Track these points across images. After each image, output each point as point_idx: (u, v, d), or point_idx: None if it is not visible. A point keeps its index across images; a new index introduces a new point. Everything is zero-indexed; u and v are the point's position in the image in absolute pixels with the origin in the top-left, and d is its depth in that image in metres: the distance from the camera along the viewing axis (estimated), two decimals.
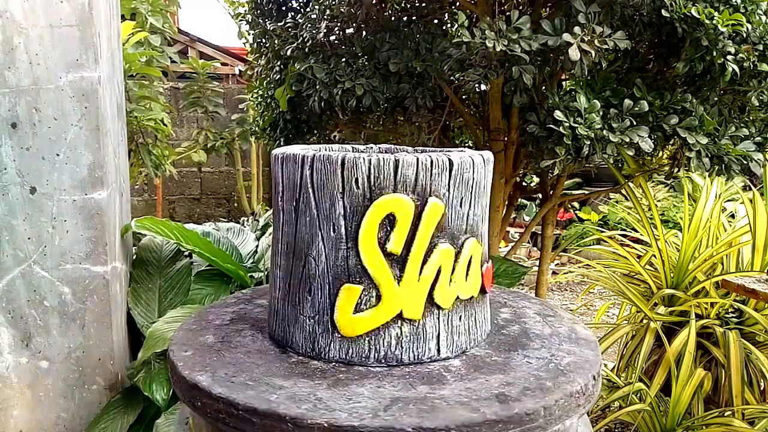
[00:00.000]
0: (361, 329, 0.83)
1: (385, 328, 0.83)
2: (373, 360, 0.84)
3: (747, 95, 1.69)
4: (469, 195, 0.86)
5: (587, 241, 4.22)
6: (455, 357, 0.88)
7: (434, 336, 0.86)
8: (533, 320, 1.04)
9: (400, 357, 0.84)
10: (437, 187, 0.82)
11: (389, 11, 2.10)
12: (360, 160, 0.80)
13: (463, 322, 0.89)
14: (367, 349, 0.84)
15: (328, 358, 0.86)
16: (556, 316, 1.08)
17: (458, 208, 0.85)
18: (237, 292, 1.24)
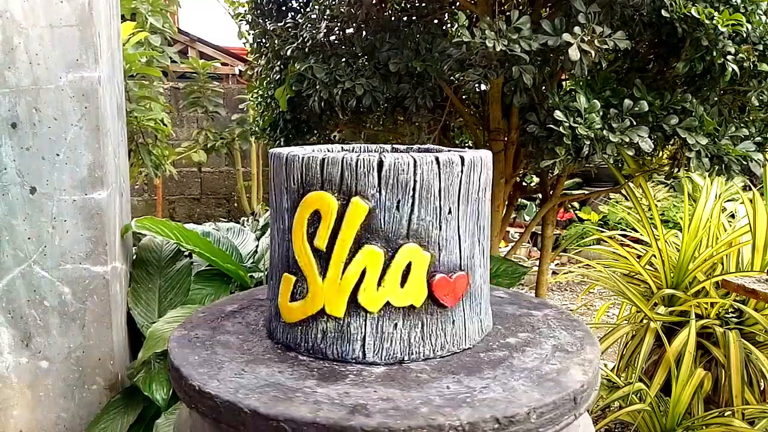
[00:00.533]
0: (294, 317, 0.88)
1: (313, 321, 0.86)
2: (303, 349, 0.88)
3: (747, 95, 1.69)
4: (409, 198, 0.82)
5: (587, 241, 4.22)
6: (384, 365, 0.84)
7: (359, 338, 0.84)
8: (533, 355, 0.88)
9: (325, 351, 0.86)
10: (363, 187, 0.82)
11: (389, 11, 2.10)
12: (296, 159, 0.84)
13: (401, 330, 0.84)
14: (299, 337, 0.88)
15: (276, 339, 0.93)
16: (576, 353, 0.90)
17: (394, 211, 0.82)
18: (237, 293, 1.24)
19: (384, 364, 0.85)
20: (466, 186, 0.87)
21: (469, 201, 0.88)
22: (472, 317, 0.91)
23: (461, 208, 0.87)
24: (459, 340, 0.90)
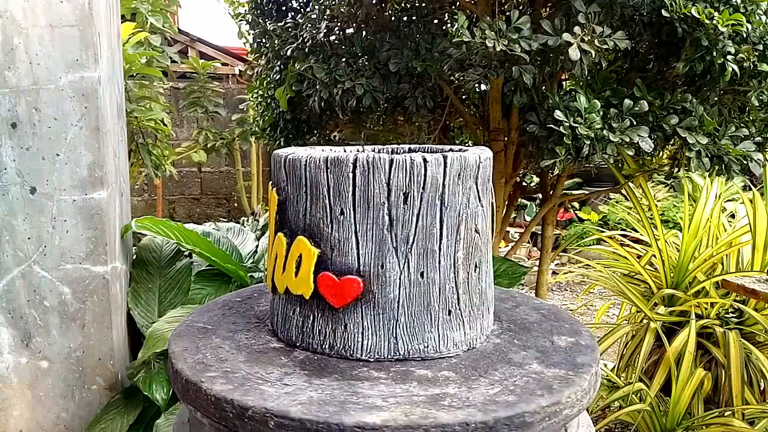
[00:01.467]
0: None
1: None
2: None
3: (747, 95, 1.69)
4: (303, 194, 0.86)
5: (587, 241, 4.22)
6: (283, 342, 0.95)
7: (273, 316, 0.97)
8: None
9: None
10: (277, 180, 0.92)
11: (389, 11, 2.10)
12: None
13: (296, 317, 0.91)
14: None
15: None
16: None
17: (295, 205, 0.88)
18: (242, 290, 1.24)
19: (283, 342, 0.94)
20: (363, 188, 0.82)
21: (371, 205, 0.82)
22: (376, 330, 0.85)
23: (359, 211, 0.82)
24: (348, 347, 0.86)
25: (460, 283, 0.87)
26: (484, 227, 0.90)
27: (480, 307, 0.91)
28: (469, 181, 0.85)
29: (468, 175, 0.85)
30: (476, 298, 0.89)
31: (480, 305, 0.91)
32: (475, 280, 0.89)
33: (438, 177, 0.82)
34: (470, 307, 0.89)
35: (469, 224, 0.86)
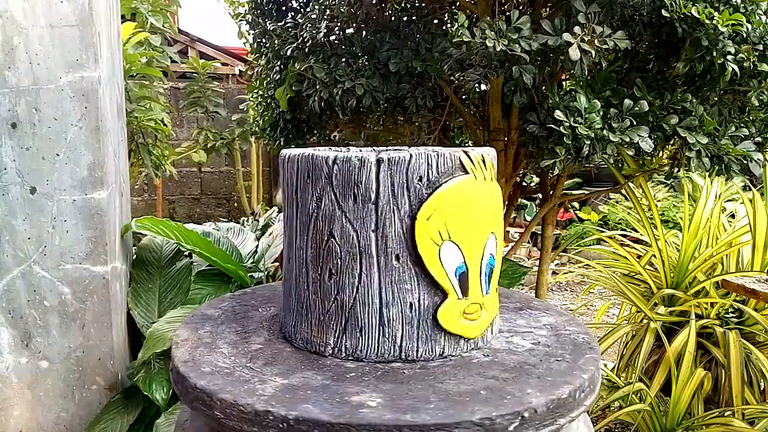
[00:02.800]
0: None
1: None
2: None
3: (747, 95, 1.69)
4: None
5: (587, 241, 4.22)
6: None
7: None
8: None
9: None
10: None
11: (389, 11, 2.10)
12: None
13: None
14: None
15: None
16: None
17: None
18: (245, 289, 1.24)
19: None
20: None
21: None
22: None
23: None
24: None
25: (310, 283, 0.90)
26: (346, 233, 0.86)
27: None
28: (320, 182, 0.87)
29: (317, 177, 0.87)
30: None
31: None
32: (328, 285, 0.88)
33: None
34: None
35: (320, 226, 0.87)
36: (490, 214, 0.90)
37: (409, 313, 0.86)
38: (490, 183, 0.90)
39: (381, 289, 0.85)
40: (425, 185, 0.83)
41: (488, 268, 0.90)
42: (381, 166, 0.83)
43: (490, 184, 0.90)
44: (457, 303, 0.87)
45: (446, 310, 0.86)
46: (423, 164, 0.83)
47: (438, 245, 0.84)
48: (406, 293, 0.85)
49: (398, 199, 0.83)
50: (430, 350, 0.88)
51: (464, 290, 0.87)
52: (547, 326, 1.02)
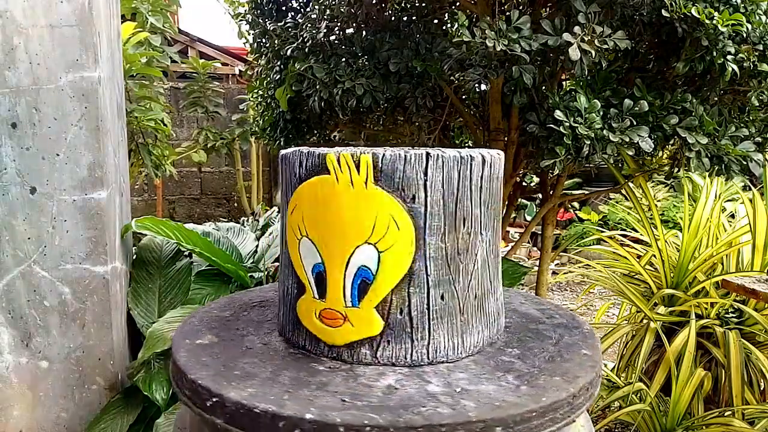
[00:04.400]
0: None
1: None
2: None
3: (747, 95, 1.69)
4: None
5: (587, 241, 4.22)
6: None
7: None
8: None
9: None
10: None
11: (389, 11, 2.09)
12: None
13: None
14: None
15: None
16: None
17: None
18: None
19: None
20: None
21: None
22: None
23: None
24: None
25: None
26: None
27: None
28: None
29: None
30: None
31: None
32: None
33: None
34: None
35: None
36: (360, 223, 0.82)
37: (284, 297, 0.95)
38: (363, 190, 0.81)
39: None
40: (297, 180, 0.88)
41: (357, 280, 0.83)
42: (282, 161, 0.93)
43: (365, 192, 0.81)
44: (313, 301, 0.88)
45: (301, 303, 0.90)
46: (297, 161, 0.87)
47: (298, 239, 0.88)
48: (286, 278, 0.94)
49: (287, 195, 0.92)
50: (296, 338, 0.93)
51: (321, 291, 0.86)
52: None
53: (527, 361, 0.88)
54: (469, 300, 0.89)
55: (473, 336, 0.90)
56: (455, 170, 0.84)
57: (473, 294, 0.89)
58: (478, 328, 0.91)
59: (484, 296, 0.92)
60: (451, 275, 0.86)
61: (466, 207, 0.86)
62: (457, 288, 0.87)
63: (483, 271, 0.91)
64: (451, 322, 0.87)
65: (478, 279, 0.90)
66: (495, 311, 0.96)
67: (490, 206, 0.90)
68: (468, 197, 0.86)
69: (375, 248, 0.82)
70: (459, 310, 0.88)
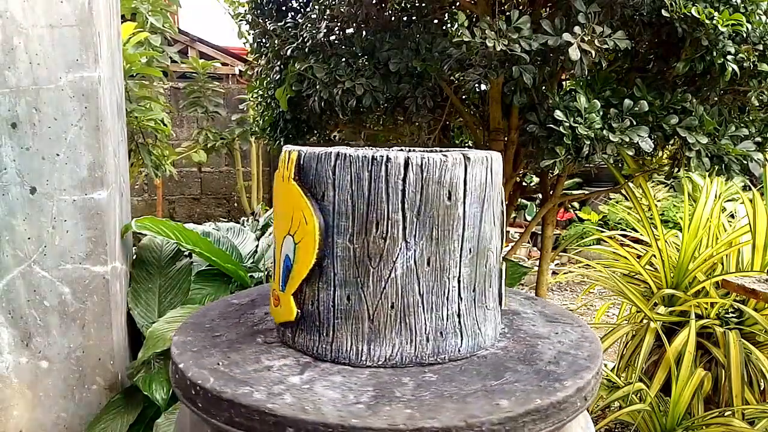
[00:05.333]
0: None
1: None
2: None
3: (747, 95, 1.69)
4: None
5: (587, 241, 4.22)
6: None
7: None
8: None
9: None
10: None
11: (389, 11, 2.09)
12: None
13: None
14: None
15: (504, 334, 0.99)
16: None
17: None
18: (249, 289, 1.24)
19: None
20: None
21: None
22: None
23: None
24: None
25: None
26: None
27: None
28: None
29: None
30: None
31: None
32: None
33: None
34: None
35: None
36: (286, 215, 0.88)
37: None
38: (288, 184, 0.86)
39: None
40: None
41: (284, 266, 0.90)
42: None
43: (288, 186, 0.86)
44: (272, 281, 0.95)
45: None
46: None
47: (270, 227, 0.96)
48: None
49: None
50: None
51: (274, 274, 0.94)
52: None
53: (411, 400, 0.76)
54: (383, 309, 0.84)
55: (385, 348, 0.85)
56: (365, 170, 0.81)
57: (389, 303, 0.83)
58: (394, 341, 0.85)
59: (408, 309, 0.84)
60: (359, 278, 0.83)
61: (380, 210, 0.81)
62: (365, 292, 0.83)
63: (407, 281, 0.83)
64: (356, 326, 0.85)
65: (397, 289, 0.83)
66: (434, 330, 0.86)
67: (427, 213, 0.83)
68: (384, 200, 0.81)
69: (293, 240, 0.87)
70: (368, 316, 0.84)
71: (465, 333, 0.89)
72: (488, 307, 0.92)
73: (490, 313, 0.93)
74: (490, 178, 0.89)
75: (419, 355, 0.86)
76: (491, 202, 0.90)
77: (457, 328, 0.88)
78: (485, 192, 0.88)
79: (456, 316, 0.88)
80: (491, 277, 0.92)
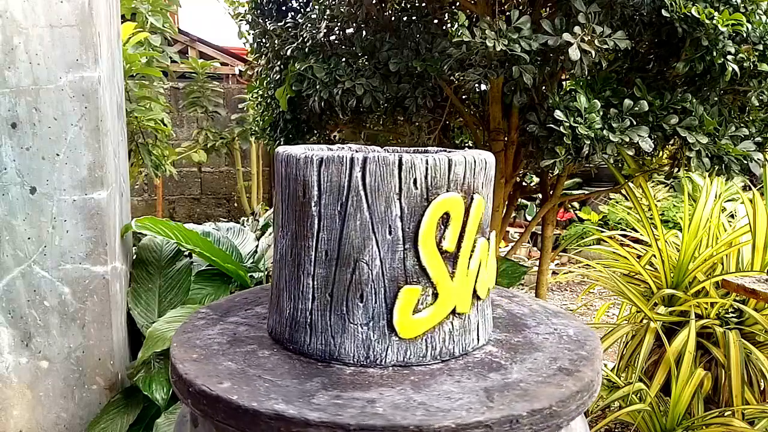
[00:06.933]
0: (420, 329, 0.84)
1: (439, 325, 0.86)
2: (430, 357, 0.86)
3: (747, 95, 1.69)
4: (492, 192, 0.92)
5: (587, 241, 4.22)
6: (489, 343, 0.94)
7: (476, 326, 0.91)
8: (508, 304, 1.14)
9: (453, 351, 0.88)
10: (478, 185, 0.87)
11: (389, 11, 2.09)
12: (417, 161, 0.81)
13: (489, 309, 0.96)
14: (424, 348, 0.86)
15: (384, 363, 0.85)
16: (522, 300, 1.17)
17: (488, 205, 0.91)
18: (243, 291, 1.24)
19: (488, 343, 0.94)
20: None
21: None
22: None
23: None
24: (490, 323, 0.99)
25: None
26: None
27: None
28: None
29: None
30: None
31: None
32: None
33: None
34: None
35: None
36: None
37: None
38: None
39: None
40: None
41: None
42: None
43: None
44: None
45: None
46: None
47: None
48: None
49: None
50: None
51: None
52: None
53: None
54: (271, 285, 0.96)
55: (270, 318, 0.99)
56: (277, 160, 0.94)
57: (273, 282, 0.95)
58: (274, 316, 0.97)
59: (279, 292, 0.93)
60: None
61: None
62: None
63: (278, 267, 0.93)
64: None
65: (275, 271, 0.94)
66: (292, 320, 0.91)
67: (291, 207, 0.88)
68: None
69: None
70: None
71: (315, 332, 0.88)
72: (351, 321, 0.85)
73: (353, 327, 0.85)
74: (358, 181, 0.81)
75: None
76: (362, 208, 0.81)
77: (308, 326, 0.88)
78: (347, 195, 0.82)
79: (308, 314, 0.88)
80: (361, 290, 0.84)
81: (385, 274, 0.83)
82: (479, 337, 0.92)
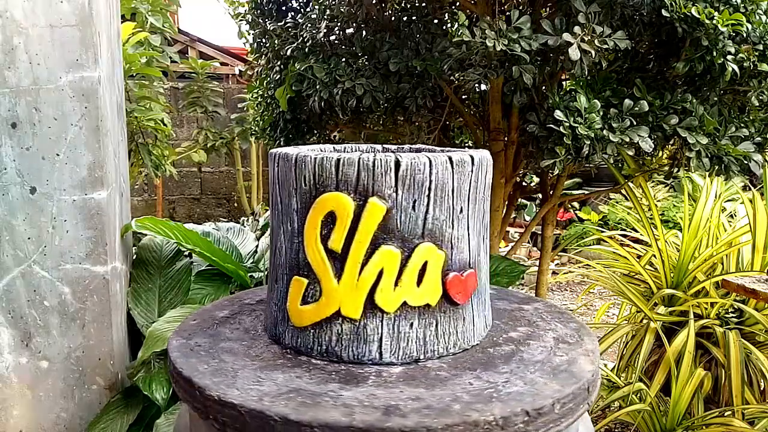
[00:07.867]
0: (306, 321, 0.86)
1: (327, 323, 0.85)
2: (316, 352, 0.86)
3: (747, 95, 1.69)
4: (425, 197, 0.82)
5: (587, 241, 4.22)
6: (402, 364, 0.84)
7: (376, 339, 0.84)
8: (538, 348, 0.91)
9: (340, 354, 0.85)
10: (380, 188, 0.81)
11: (389, 11, 2.10)
12: (307, 158, 0.83)
13: (417, 330, 0.85)
14: (311, 341, 0.87)
15: (284, 344, 0.91)
16: (577, 343, 0.93)
17: (410, 211, 0.82)
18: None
19: (401, 364, 0.85)
20: (475, 185, 0.88)
21: (476, 200, 0.89)
22: (479, 313, 0.93)
23: (470, 207, 0.88)
24: (469, 337, 0.91)
25: None
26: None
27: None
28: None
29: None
30: None
31: None
32: None
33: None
34: None
35: None
36: None
37: None
38: None
39: None
40: None
41: None
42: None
43: None
44: None
45: None
46: None
47: None
48: None
49: None
50: None
51: None
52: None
53: None
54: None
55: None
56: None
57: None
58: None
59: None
60: None
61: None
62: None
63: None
64: None
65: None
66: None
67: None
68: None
69: None
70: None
71: None
72: (271, 299, 0.95)
73: (271, 306, 0.96)
74: (276, 176, 0.90)
75: None
76: (276, 201, 0.91)
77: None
78: (275, 188, 0.91)
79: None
80: (276, 274, 0.95)
81: (288, 262, 0.88)
82: (381, 352, 0.84)
